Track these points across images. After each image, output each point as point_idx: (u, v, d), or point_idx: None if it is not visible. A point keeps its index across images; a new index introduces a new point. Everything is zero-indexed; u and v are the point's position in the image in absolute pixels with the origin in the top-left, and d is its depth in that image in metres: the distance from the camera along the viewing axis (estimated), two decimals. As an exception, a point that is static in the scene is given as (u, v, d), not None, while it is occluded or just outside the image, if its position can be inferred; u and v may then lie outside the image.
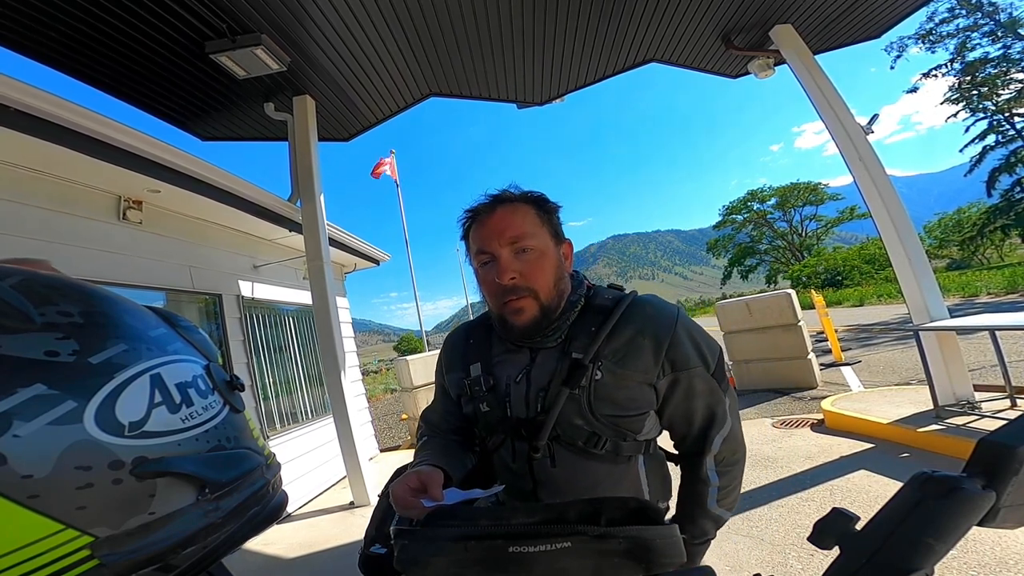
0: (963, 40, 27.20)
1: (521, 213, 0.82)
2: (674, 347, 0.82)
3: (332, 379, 3.95)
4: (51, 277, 0.38)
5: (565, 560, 0.44)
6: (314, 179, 4.16)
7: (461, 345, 0.97)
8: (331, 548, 3.25)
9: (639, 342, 0.81)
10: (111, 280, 3.00)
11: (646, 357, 0.81)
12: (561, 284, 0.84)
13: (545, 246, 0.82)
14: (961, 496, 0.34)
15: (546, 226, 0.84)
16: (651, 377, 0.81)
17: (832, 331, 7.21)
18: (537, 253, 0.81)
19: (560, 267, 0.85)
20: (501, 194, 0.85)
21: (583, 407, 0.80)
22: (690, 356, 0.82)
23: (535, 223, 0.83)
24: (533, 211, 0.84)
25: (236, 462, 0.38)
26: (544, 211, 0.85)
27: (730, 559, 2.24)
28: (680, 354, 0.82)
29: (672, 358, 0.81)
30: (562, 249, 0.87)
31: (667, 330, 0.82)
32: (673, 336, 0.82)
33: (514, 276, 0.80)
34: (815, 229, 51.48)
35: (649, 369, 0.81)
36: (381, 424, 9.26)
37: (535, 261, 0.81)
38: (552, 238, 0.85)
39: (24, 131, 2.32)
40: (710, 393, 0.84)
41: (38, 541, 0.28)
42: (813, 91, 3.99)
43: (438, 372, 1.03)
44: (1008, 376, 3.37)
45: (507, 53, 4.10)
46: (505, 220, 0.81)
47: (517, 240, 0.80)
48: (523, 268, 0.80)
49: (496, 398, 0.86)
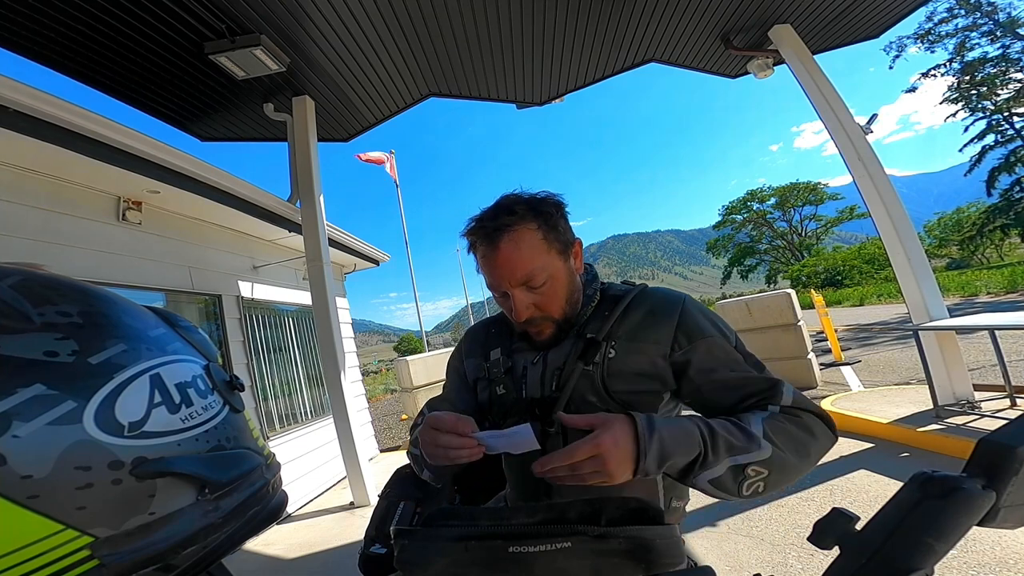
0: (962, 40, 27.24)
1: (526, 243, 0.80)
2: (685, 320, 0.82)
3: (332, 379, 3.95)
4: (50, 277, 0.38)
5: (565, 560, 0.44)
6: (314, 179, 4.16)
7: (482, 335, 1.00)
8: (331, 548, 3.25)
9: (650, 320, 0.83)
10: (110, 281, 3.00)
11: (659, 329, 0.82)
12: (576, 294, 0.87)
13: (556, 270, 0.82)
14: (961, 496, 0.34)
15: (554, 246, 0.83)
16: (665, 348, 0.81)
17: (832, 331, 7.20)
18: (549, 283, 0.82)
19: (572, 279, 0.86)
20: (500, 214, 0.81)
21: (596, 383, 0.81)
22: (703, 326, 0.82)
23: (542, 250, 0.81)
24: (538, 234, 0.81)
25: (236, 462, 0.38)
26: (549, 225, 0.83)
27: (730, 559, 2.24)
28: (693, 325, 0.81)
29: (686, 330, 0.81)
30: (572, 256, 0.87)
31: (677, 306, 0.84)
32: (683, 310, 0.83)
33: (530, 311, 0.82)
34: (815, 229, 51.53)
35: (662, 340, 0.81)
36: (381, 424, 9.26)
37: (548, 292, 0.82)
38: (560, 255, 0.84)
39: (24, 132, 2.32)
40: (736, 363, 0.79)
41: (38, 541, 0.28)
42: (812, 91, 4.00)
43: (454, 358, 1.04)
44: (1008, 376, 3.37)
45: (507, 53, 4.10)
46: (511, 259, 0.80)
47: (528, 280, 0.81)
48: (538, 300, 0.82)
49: (512, 380, 0.89)
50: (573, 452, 0.62)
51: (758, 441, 0.68)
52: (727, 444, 0.67)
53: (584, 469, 0.62)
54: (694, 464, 0.66)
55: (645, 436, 0.63)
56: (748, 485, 0.67)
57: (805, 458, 0.71)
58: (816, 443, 0.73)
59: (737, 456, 0.67)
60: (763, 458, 0.67)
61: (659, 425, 0.66)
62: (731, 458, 0.66)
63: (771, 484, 0.69)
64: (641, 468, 0.63)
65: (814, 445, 0.72)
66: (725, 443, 0.67)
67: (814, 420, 0.74)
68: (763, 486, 0.68)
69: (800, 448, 0.70)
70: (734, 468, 0.66)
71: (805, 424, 0.73)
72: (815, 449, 0.72)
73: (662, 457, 0.64)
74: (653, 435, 0.64)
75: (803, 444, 0.71)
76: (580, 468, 0.62)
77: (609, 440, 0.62)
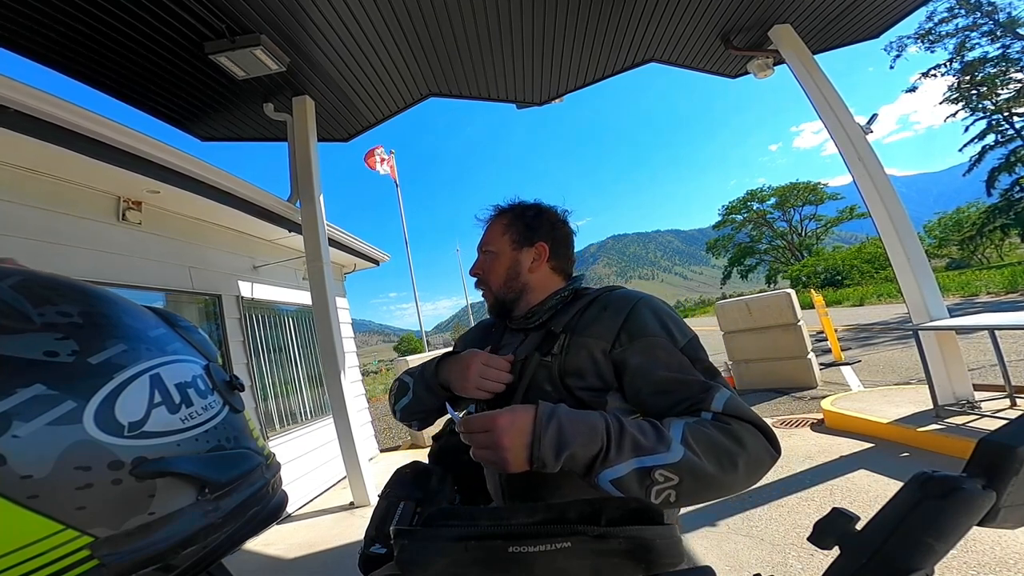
0: (962, 40, 27.26)
1: (494, 226, 1.02)
2: (632, 318, 0.83)
3: (332, 379, 3.95)
4: (50, 277, 0.38)
5: (565, 560, 0.44)
6: (314, 179, 4.16)
7: (486, 328, 1.15)
8: (331, 548, 3.25)
9: (601, 316, 0.86)
10: (110, 281, 3.00)
11: (604, 324, 0.84)
12: (514, 283, 0.98)
13: (501, 252, 1.00)
14: (961, 496, 0.34)
15: (509, 234, 1.00)
16: (606, 344, 0.82)
17: (832, 331, 7.21)
18: (491, 257, 1.00)
19: (514, 266, 0.99)
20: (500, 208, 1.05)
21: (553, 374, 0.85)
22: (648, 325, 0.81)
23: (499, 233, 1.01)
24: (504, 223, 1.01)
25: (236, 462, 0.38)
26: (515, 221, 1.00)
27: (730, 559, 2.24)
28: (638, 324, 0.82)
29: (630, 329, 0.82)
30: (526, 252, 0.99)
31: (628, 304, 0.86)
32: (633, 309, 0.84)
33: (478, 272, 1.03)
34: (814, 229, 51.56)
35: (605, 335, 0.82)
36: (381, 424, 9.26)
37: (490, 263, 1.01)
38: (512, 243, 0.99)
39: (23, 132, 2.32)
40: (679, 367, 0.76)
41: (38, 541, 0.28)
42: (812, 91, 4.00)
43: (461, 340, 1.19)
44: (1008, 376, 3.37)
45: (506, 53, 4.10)
46: (485, 234, 1.04)
47: (484, 247, 1.02)
48: (484, 266, 1.02)
49: None
50: (472, 420, 0.66)
51: (668, 443, 0.64)
52: (633, 443, 0.63)
53: (479, 442, 0.65)
54: (596, 460, 0.63)
55: (542, 421, 0.64)
56: (657, 492, 0.62)
57: (730, 470, 0.64)
58: (745, 455, 0.66)
59: (643, 457, 0.62)
60: (671, 462, 0.62)
61: (561, 413, 0.66)
62: (636, 459, 0.62)
63: (684, 494, 0.63)
64: (536, 455, 0.62)
65: (742, 456, 0.65)
66: (632, 442, 0.63)
67: (747, 430, 0.68)
68: (675, 495, 0.62)
69: (723, 458, 0.64)
70: (639, 471, 0.62)
71: (733, 433, 0.67)
72: (744, 461, 0.65)
73: (559, 445, 0.62)
74: (551, 421, 0.64)
75: (727, 453, 0.65)
76: (475, 440, 0.65)
77: (506, 418, 0.64)
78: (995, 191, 28.84)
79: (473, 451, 0.66)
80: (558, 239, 1.01)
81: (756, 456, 0.67)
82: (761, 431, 0.70)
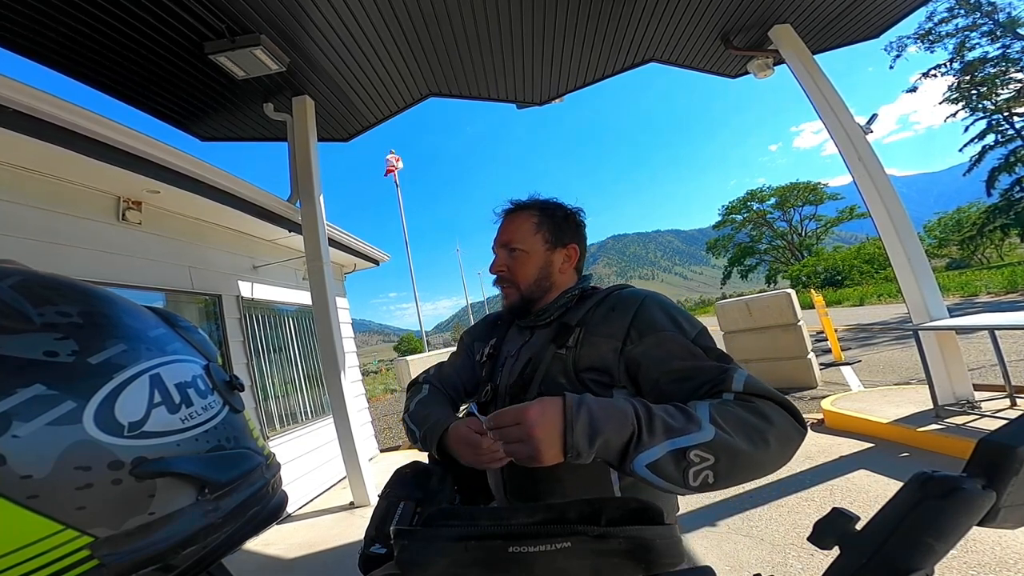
0: (962, 40, 27.24)
1: (520, 221, 1.00)
2: (641, 315, 0.84)
3: (332, 379, 3.95)
4: (50, 277, 0.38)
5: (565, 560, 0.44)
6: (313, 179, 4.16)
7: (491, 323, 1.17)
8: (331, 548, 3.25)
9: (611, 315, 0.88)
10: (110, 281, 3.00)
11: (613, 324, 0.86)
12: (545, 283, 0.98)
13: (533, 249, 0.98)
14: (961, 496, 0.34)
15: (542, 233, 0.98)
16: (617, 343, 0.83)
17: (832, 331, 7.21)
18: (522, 255, 0.98)
19: (547, 267, 0.98)
20: (520, 202, 1.03)
21: (568, 366, 0.86)
22: (658, 320, 0.82)
23: (530, 231, 0.99)
24: (534, 219, 0.99)
25: (236, 462, 0.38)
26: (547, 219, 0.99)
27: (730, 559, 2.24)
28: (647, 320, 0.83)
29: (639, 326, 0.83)
30: (558, 253, 0.99)
31: (635, 302, 0.87)
32: (641, 306, 0.86)
33: (502, 269, 1.00)
34: (815, 229, 51.53)
35: (616, 334, 0.84)
36: (381, 424, 9.25)
37: (519, 260, 0.98)
38: (545, 243, 0.98)
39: (23, 132, 2.32)
40: (694, 356, 0.77)
41: (38, 541, 0.28)
42: (812, 91, 4.00)
43: (467, 334, 1.20)
44: (1008, 376, 3.37)
45: (506, 53, 4.10)
46: (507, 228, 1.01)
47: (508, 243, 1.00)
48: (510, 264, 0.99)
49: (493, 365, 1.03)
50: (501, 415, 0.64)
51: (699, 423, 0.63)
52: (664, 425, 0.63)
53: (510, 436, 0.62)
54: (629, 445, 0.61)
55: (572, 408, 0.63)
56: (695, 474, 0.60)
57: (762, 446, 0.64)
58: (774, 429, 0.66)
59: (676, 438, 0.61)
60: (705, 440, 0.61)
61: (589, 401, 0.65)
62: (669, 440, 0.61)
63: (722, 473, 0.61)
64: (570, 444, 0.60)
65: (771, 431, 0.65)
66: (662, 424, 0.63)
67: (770, 406, 0.69)
68: (712, 475, 0.61)
69: (753, 434, 0.64)
70: (674, 452, 0.61)
71: (758, 409, 0.67)
72: (774, 436, 0.65)
73: (592, 432, 0.61)
74: (581, 408, 0.63)
75: (756, 430, 0.65)
76: (507, 435, 0.63)
77: (536, 409, 0.62)
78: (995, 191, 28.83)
79: (505, 446, 0.64)
80: (582, 240, 1.03)
81: (784, 431, 0.67)
82: (784, 407, 0.70)
